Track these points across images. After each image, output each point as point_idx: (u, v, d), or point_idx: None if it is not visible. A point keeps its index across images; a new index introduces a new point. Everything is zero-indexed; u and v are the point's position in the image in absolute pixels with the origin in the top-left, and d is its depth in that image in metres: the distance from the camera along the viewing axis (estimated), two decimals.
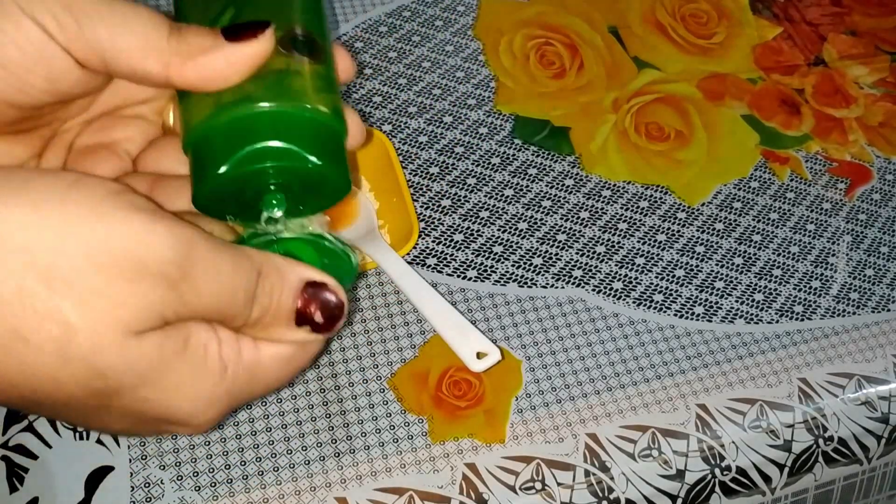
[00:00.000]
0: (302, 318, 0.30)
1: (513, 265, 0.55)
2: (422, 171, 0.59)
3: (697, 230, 0.58)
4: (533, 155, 0.61)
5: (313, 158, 0.30)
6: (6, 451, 0.45)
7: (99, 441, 0.46)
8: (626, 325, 0.53)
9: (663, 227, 0.58)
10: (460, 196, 0.58)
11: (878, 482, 0.53)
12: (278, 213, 0.32)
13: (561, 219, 0.58)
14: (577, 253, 0.56)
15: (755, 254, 0.58)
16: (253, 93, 0.30)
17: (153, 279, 0.26)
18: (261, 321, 0.30)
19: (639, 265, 0.56)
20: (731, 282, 0.56)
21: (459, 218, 0.57)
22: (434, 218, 0.57)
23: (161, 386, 0.28)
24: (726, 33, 0.71)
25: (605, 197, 0.59)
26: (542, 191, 0.59)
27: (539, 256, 0.56)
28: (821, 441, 0.50)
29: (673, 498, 0.48)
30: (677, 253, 0.57)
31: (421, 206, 0.57)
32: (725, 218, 0.59)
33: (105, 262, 0.25)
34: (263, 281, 0.29)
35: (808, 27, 0.72)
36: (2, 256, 0.25)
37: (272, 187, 0.31)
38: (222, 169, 0.30)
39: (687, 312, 0.54)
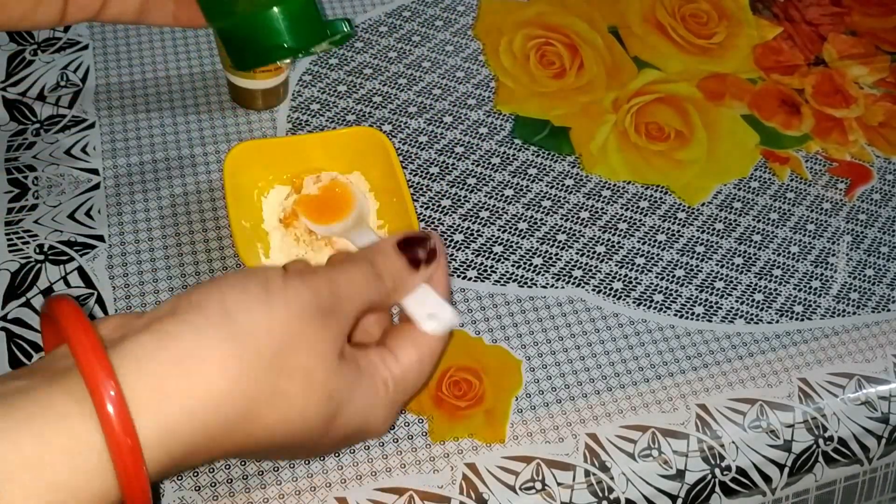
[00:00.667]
0: (414, 262, 0.40)
1: (513, 265, 0.55)
2: (422, 171, 0.59)
3: (697, 230, 0.58)
4: (533, 155, 0.61)
5: None
6: None
7: None
8: (626, 325, 0.53)
9: (663, 227, 0.58)
10: (460, 196, 0.58)
11: (881, 484, 0.53)
12: None
13: (561, 219, 0.58)
14: (577, 253, 0.56)
15: (755, 254, 0.58)
16: None
17: (330, 313, 0.36)
18: (396, 287, 0.40)
19: (639, 265, 0.56)
20: (731, 282, 0.56)
21: (459, 218, 0.57)
22: (434, 218, 0.57)
23: (356, 403, 0.37)
24: (726, 33, 0.71)
25: (605, 197, 0.59)
26: (542, 191, 0.59)
27: (539, 256, 0.56)
28: (821, 441, 0.50)
29: (673, 498, 0.48)
30: (677, 253, 0.57)
31: (421, 206, 0.57)
32: (725, 218, 0.59)
33: (306, 319, 0.35)
34: (376, 263, 0.39)
35: (808, 27, 0.72)
36: (253, 345, 0.33)
37: None
38: None
39: (687, 312, 0.54)
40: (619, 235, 0.57)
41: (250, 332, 0.33)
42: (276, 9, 0.47)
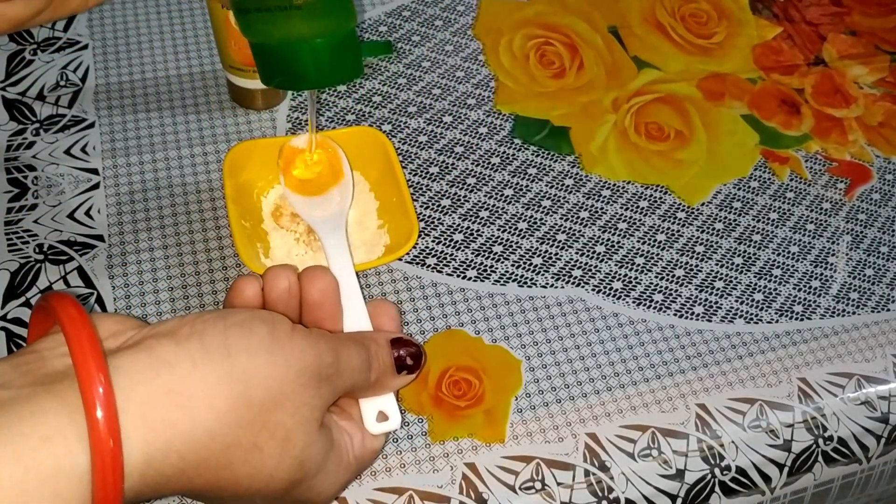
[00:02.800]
0: (401, 366, 0.41)
1: (513, 265, 0.55)
2: (422, 171, 0.59)
3: (697, 230, 0.58)
4: (533, 155, 0.61)
5: None
6: None
7: None
8: (625, 324, 0.53)
9: (663, 227, 0.58)
10: (460, 196, 0.58)
11: (876, 479, 0.53)
12: None
13: (561, 219, 0.58)
14: (576, 253, 0.56)
15: (755, 254, 0.58)
16: None
17: (325, 381, 0.36)
18: (378, 380, 0.40)
19: (638, 265, 0.56)
20: (731, 282, 0.56)
21: (459, 218, 0.57)
22: (434, 218, 0.57)
23: (323, 474, 0.37)
24: (726, 33, 0.71)
25: (605, 197, 0.59)
26: (541, 191, 0.59)
27: (539, 256, 0.56)
28: (820, 441, 0.50)
29: (673, 498, 0.48)
30: (677, 253, 0.57)
31: (421, 206, 0.57)
32: (725, 218, 0.59)
33: (303, 380, 0.35)
34: (370, 351, 0.40)
35: (807, 27, 0.72)
36: (245, 391, 0.33)
37: None
38: None
39: (687, 312, 0.54)
40: (619, 235, 0.57)
41: (246, 377, 0.33)
42: (317, 41, 0.44)
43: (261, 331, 0.35)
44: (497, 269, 0.55)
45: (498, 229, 0.57)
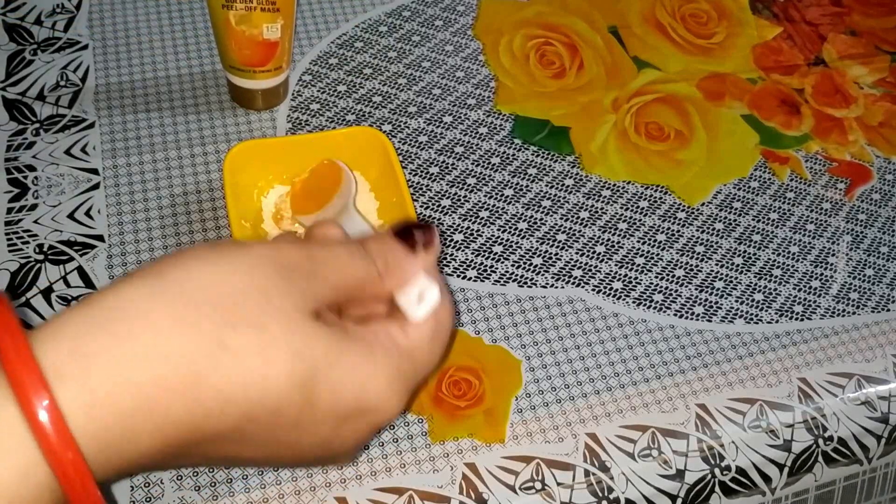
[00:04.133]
0: (411, 246, 0.36)
1: (513, 265, 0.55)
2: (422, 171, 0.59)
3: (697, 230, 0.58)
4: (533, 155, 0.61)
5: None
6: None
7: None
8: (625, 324, 0.53)
9: (663, 227, 0.58)
10: (460, 196, 0.58)
11: (880, 483, 0.53)
12: None
13: (561, 219, 0.58)
14: (576, 253, 0.56)
15: (755, 254, 0.58)
16: None
17: (298, 274, 0.32)
18: (388, 268, 0.35)
19: (639, 265, 0.56)
20: (731, 282, 0.56)
21: (459, 218, 0.57)
22: (434, 218, 0.57)
23: (343, 366, 0.32)
24: (726, 33, 0.71)
25: (605, 197, 0.59)
26: (541, 191, 0.59)
27: (539, 256, 0.56)
28: (820, 441, 0.50)
29: (673, 498, 0.48)
30: (677, 253, 0.57)
31: (421, 206, 0.57)
32: (725, 218, 0.59)
33: (264, 274, 0.31)
34: (367, 244, 0.36)
35: (807, 27, 0.72)
36: (191, 297, 0.29)
37: None
38: None
39: (687, 312, 0.54)
40: (619, 235, 0.57)
41: (183, 283, 0.30)
42: None
43: (200, 248, 0.32)
44: (497, 269, 0.55)
45: (498, 229, 0.57)
